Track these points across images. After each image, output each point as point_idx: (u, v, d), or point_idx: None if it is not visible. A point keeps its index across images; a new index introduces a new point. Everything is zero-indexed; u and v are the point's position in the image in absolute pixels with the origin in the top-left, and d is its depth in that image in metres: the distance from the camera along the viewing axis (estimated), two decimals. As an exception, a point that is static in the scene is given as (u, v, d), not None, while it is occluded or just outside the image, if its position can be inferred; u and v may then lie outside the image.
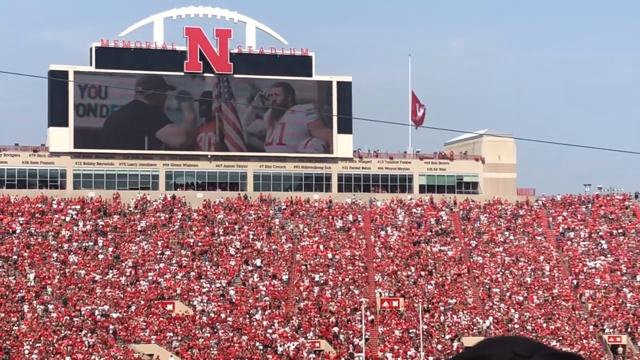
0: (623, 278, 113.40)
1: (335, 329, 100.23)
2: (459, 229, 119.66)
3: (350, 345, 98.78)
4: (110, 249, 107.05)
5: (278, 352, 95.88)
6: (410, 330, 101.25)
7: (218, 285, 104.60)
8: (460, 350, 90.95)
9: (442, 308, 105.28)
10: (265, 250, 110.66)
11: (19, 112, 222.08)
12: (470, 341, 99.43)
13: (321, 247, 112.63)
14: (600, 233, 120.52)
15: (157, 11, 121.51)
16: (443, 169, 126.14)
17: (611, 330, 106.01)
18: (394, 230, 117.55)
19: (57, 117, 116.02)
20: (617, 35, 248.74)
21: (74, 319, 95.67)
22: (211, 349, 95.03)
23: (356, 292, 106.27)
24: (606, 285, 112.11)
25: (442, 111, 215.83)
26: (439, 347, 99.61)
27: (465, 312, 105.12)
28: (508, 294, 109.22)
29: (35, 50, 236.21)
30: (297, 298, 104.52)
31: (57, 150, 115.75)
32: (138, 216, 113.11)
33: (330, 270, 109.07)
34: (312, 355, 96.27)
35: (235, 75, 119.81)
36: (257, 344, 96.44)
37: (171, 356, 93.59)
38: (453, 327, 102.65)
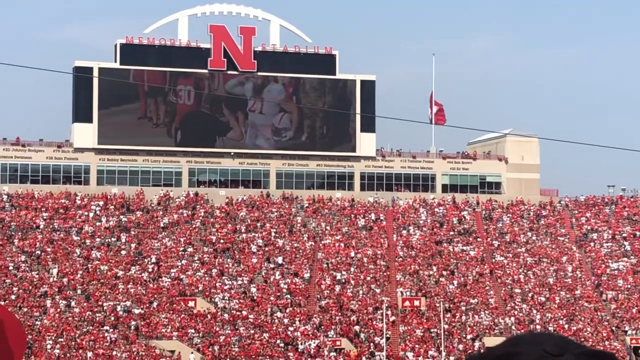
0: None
1: (357, 328, 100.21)
2: (482, 229, 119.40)
3: (371, 344, 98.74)
4: (133, 245, 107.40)
5: (299, 350, 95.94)
6: (432, 330, 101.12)
7: (240, 282, 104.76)
8: (482, 350, 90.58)
9: (463, 308, 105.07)
10: (287, 248, 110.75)
11: (43, 107, 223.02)
12: (491, 341, 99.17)
13: (343, 245, 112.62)
14: (624, 234, 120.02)
15: (181, 8, 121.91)
16: (466, 168, 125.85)
17: (633, 332, 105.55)
18: (416, 230, 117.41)
19: (81, 113, 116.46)
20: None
21: (96, 315, 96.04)
22: (232, 345, 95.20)
23: (377, 291, 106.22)
24: (629, 286, 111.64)
25: (466, 111, 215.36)
26: (460, 346, 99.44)
27: (486, 312, 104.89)
28: (530, 294, 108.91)
29: (61, 46, 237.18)
30: (319, 296, 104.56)
31: (81, 146, 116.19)
32: (161, 213, 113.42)
33: (352, 269, 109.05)
34: (332, 354, 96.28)
35: (259, 73, 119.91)
36: (278, 341, 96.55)
37: (192, 352, 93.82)
38: (474, 327, 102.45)
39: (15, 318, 2.90)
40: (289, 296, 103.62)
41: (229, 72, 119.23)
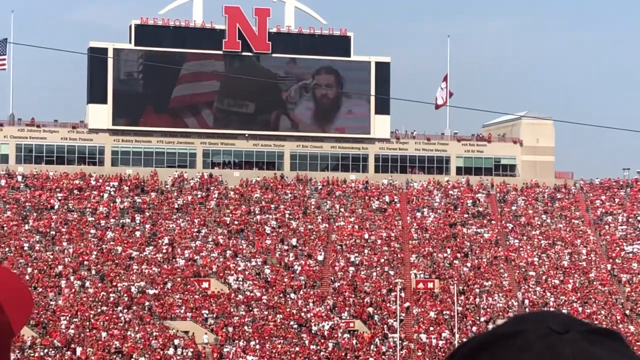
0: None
1: (370, 310, 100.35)
2: (496, 211, 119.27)
3: (385, 326, 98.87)
4: (147, 226, 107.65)
5: (312, 332, 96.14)
6: (445, 312, 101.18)
7: (254, 263, 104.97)
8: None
9: (477, 290, 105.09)
10: (301, 230, 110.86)
11: (58, 88, 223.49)
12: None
13: (357, 227, 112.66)
14: (639, 217, 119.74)
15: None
16: (480, 151, 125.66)
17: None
18: (430, 212, 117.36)
19: (96, 94, 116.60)
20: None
21: (111, 295, 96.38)
22: (246, 327, 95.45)
23: (391, 273, 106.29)
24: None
25: (481, 93, 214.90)
26: (474, 329, 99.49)
27: (500, 294, 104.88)
28: (544, 277, 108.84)
29: (76, 27, 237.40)
30: (332, 278, 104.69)
31: (96, 127, 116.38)
32: (175, 194, 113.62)
33: (366, 251, 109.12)
34: (346, 335, 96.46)
35: (274, 55, 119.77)
36: (292, 322, 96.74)
37: (206, 333, 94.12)
38: (488, 310, 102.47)
39: (19, 281, 2.87)
40: (302, 278, 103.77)
41: (244, 53, 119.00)
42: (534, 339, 2.39)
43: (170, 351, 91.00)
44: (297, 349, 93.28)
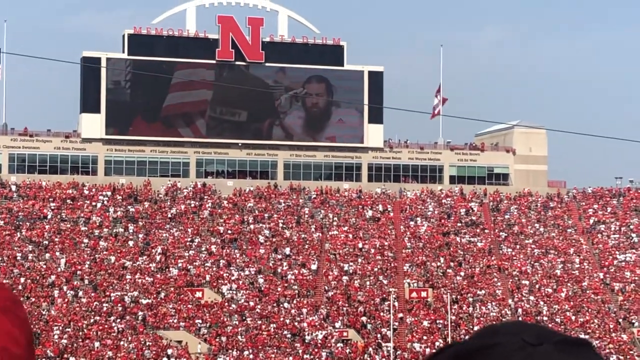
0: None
1: (364, 319, 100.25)
2: (489, 220, 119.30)
3: (379, 335, 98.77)
4: (141, 236, 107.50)
5: (306, 341, 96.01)
6: (438, 321, 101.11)
7: (247, 273, 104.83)
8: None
9: (470, 299, 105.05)
10: (295, 239, 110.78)
11: (51, 97, 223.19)
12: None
13: (350, 236, 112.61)
14: (631, 226, 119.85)
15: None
16: (474, 160, 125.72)
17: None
18: (423, 221, 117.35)
19: (89, 104, 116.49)
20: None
21: (104, 305, 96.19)
22: (239, 336, 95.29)
23: (385, 282, 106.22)
24: (636, 278, 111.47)
25: (474, 102, 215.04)
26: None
27: (493, 303, 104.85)
28: (537, 286, 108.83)
29: (69, 36, 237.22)
30: (326, 287, 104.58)
31: (89, 136, 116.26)
32: (168, 203, 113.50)
33: (359, 260, 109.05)
34: (339, 345, 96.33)
35: (267, 64, 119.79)
36: (285, 332, 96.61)
37: (199, 343, 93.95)
38: (481, 319, 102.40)
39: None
40: (296, 287, 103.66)
41: (237, 62, 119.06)
42: (509, 352, 2.39)
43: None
44: (291, 358, 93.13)
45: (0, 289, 2.54)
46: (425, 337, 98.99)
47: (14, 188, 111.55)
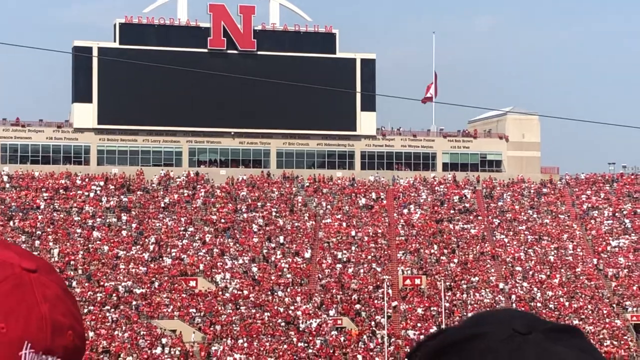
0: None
1: (358, 307, 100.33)
2: (482, 207, 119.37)
3: (373, 323, 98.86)
4: (134, 225, 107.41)
5: (300, 329, 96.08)
6: (432, 308, 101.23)
7: (241, 262, 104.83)
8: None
9: (464, 286, 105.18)
10: (288, 228, 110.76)
11: (43, 87, 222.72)
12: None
13: (344, 224, 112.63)
14: (624, 212, 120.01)
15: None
16: (467, 147, 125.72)
17: (634, 309, 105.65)
18: (416, 208, 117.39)
19: (81, 93, 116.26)
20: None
21: (98, 295, 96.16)
22: (233, 325, 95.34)
23: (378, 269, 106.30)
24: (629, 264, 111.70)
25: (466, 89, 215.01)
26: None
27: (487, 290, 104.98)
28: (531, 272, 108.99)
29: (60, 26, 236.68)
30: (320, 275, 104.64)
31: (81, 126, 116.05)
32: (161, 193, 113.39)
33: (353, 248, 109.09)
34: (334, 332, 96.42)
35: (259, 52, 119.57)
36: (280, 320, 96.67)
37: (194, 332, 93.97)
38: (475, 305, 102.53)
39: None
40: (289, 275, 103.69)
41: (229, 51, 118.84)
42: (497, 341, 2.33)
43: (158, 350, 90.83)
44: (285, 346, 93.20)
45: (54, 272, 2.57)
46: (419, 325, 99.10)
47: (6, 178, 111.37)
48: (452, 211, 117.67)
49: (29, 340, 2.42)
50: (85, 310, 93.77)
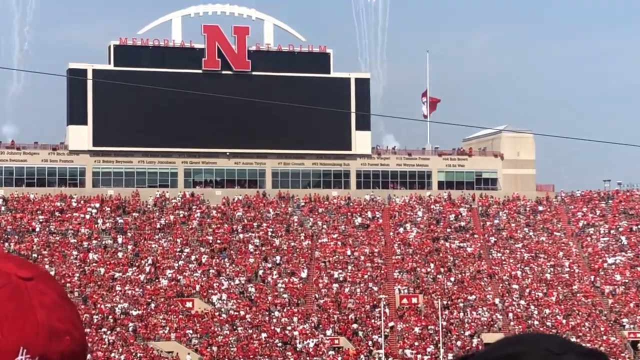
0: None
1: (355, 326, 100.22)
2: (478, 225, 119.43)
3: (370, 342, 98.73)
4: (130, 247, 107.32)
5: (297, 349, 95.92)
6: (430, 327, 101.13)
7: (237, 282, 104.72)
8: (480, 347, 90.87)
9: (461, 304, 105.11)
10: (284, 248, 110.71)
11: (38, 110, 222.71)
12: (489, 337, 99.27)
13: (340, 244, 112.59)
14: (620, 229, 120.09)
15: (175, 9, 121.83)
16: (462, 165, 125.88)
17: (631, 326, 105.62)
18: (412, 227, 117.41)
19: (76, 115, 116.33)
20: (637, 31, 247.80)
21: (94, 317, 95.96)
22: (230, 346, 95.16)
23: (375, 289, 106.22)
24: (626, 281, 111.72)
25: (461, 107, 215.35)
26: (459, 343, 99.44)
27: (484, 308, 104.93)
28: (528, 290, 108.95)
29: (54, 48, 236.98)
30: (316, 295, 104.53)
31: (76, 148, 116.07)
32: (157, 214, 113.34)
33: (349, 267, 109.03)
34: (331, 352, 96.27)
35: (254, 73, 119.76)
36: (277, 341, 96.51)
37: (188, 354, 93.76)
38: (472, 324, 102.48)
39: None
40: (286, 295, 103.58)
41: (223, 72, 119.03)
42: None
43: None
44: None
45: (52, 280, 2.65)
46: (416, 343, 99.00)
47: (1, 201, 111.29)
48: (448, 229, 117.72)
49: (25, 346, 2.48)
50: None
